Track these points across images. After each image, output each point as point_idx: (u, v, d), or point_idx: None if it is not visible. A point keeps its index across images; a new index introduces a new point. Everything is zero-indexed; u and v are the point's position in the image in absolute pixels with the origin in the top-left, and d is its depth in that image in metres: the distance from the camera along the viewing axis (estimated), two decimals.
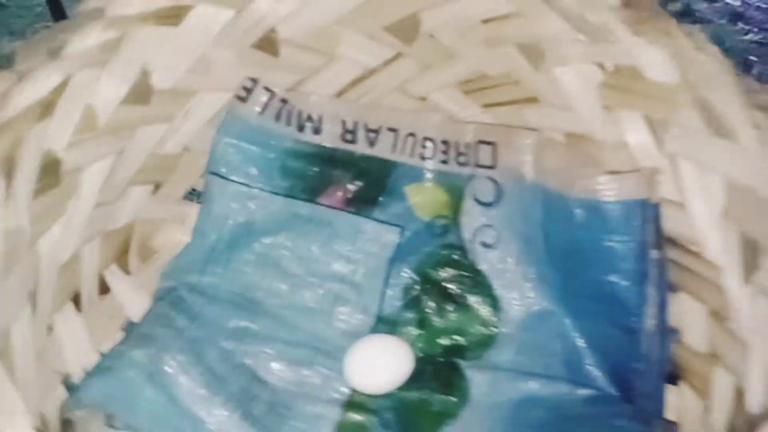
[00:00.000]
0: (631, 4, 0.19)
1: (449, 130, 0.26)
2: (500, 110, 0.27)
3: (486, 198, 0.26)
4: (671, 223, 0.21)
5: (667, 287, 0.21)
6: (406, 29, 0.24)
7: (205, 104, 0.24)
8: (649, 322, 0.21)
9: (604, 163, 0.23)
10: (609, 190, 0.21)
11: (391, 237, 0.26)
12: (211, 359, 0.23)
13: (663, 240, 0.21)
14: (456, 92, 0.27)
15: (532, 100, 0.25)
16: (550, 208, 0.23)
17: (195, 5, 0.20)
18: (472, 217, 0.26)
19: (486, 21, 0.23)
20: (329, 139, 0.25)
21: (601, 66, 0.21)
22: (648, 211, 0.21)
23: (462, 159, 0.26)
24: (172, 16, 0.20)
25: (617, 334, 0.22)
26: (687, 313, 0.21)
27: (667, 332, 0.21)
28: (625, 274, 0.21)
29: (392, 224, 0.26)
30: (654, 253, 0.21)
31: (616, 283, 0.21)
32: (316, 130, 0.25)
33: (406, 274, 0.26)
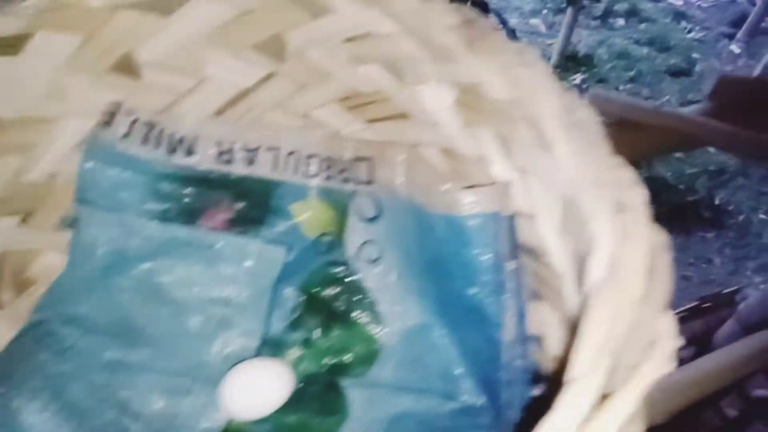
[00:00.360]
0: (470, 22, 0.20)
1: (331, 146, 0.26)
2: (381, 125, 0.27)
3: (368, 213, 0.26)
4: (526, 234, 0.21)
5: (526, 297, 0.22)
6: (274, 49, 0.24)
7: (68, 130, 0.23)
8: (509, 332, 0.21)
9: (470, 177, 0.23)
10: (464, 205, 0.21)
11: (276, 257, 0.26)
12: (76, 394, 0.22)
13: (519, 251, 0.22)
14: (338, 108, 0.27)
15: (405, 116, 0.25)
16: (420, 223, 0.24)
17: (34, 34, 0.20)
18: (356, 233, 0.26)
19: (349, 40, 0.23)
20: (203, 160, 0.25)
21: (454, 84, 0.22)
22: (502, 224, 0.21)
23: (344, 175, 0.26)
24: (9, 46, 0.20)
25: (483, 345, 0.22)
26: (546, 321, 0.21)
27: (527, 341, 0.21)
28: (484, 286, 0.21)
29: (277, 244, 0.26)
30: (510, 264, 0.21)
31: (477, 295, 0.21)
32: (189, 152, 0.25)
33: (292, 293, 0.26)
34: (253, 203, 0.26)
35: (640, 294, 0.13)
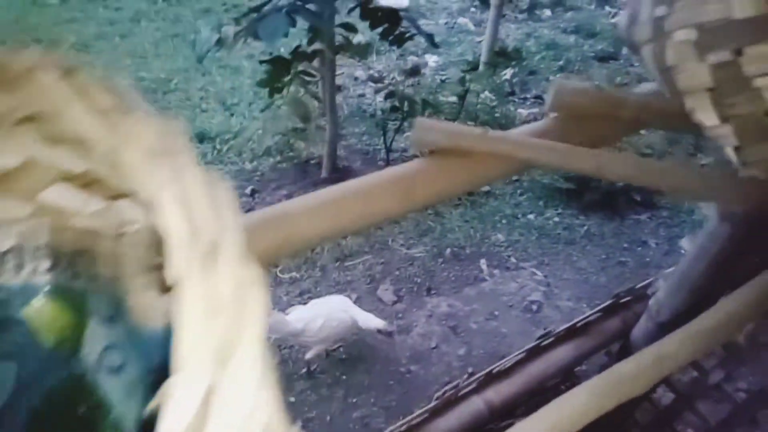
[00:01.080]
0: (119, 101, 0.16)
1: (57, 236, 0.22)
2: (124, 204, 0.23)
3: (106, 313, 0.22)
4: None
5: None
6: None
7: None
8: None
9: None
10: (160, 314, 0.17)
11: (5, 376, 0.22)
12: None
13: None
14: (69, 188, 0.23)
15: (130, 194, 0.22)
16: (140, 330, 0.20)
17: None
18: (97, 337, 0.22)
19: (28, 119, 0.19)
20: None
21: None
22: None
23: (74, 270, 0.22)
24: None
25: None
26: None
27: None
28: None
29: (6, 359, 0.22)
30: None
31: None
32: None
33: (26, 417, 0.22)
34: None
35: None
